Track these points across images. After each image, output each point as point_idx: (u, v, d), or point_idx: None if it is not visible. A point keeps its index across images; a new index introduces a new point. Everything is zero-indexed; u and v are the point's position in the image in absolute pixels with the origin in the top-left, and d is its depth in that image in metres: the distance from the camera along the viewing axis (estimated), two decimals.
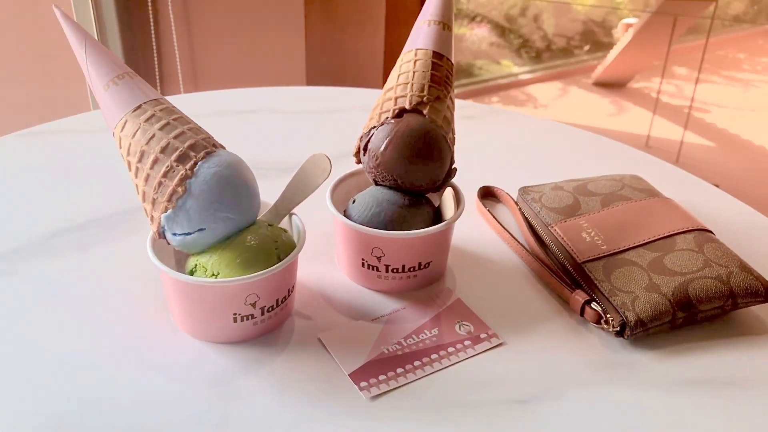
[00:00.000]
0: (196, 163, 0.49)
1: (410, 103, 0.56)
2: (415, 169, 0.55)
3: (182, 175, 0.48)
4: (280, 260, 0.51)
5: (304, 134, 0.84)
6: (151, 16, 1.52)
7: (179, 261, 0.54)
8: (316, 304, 0.56)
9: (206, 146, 0.50)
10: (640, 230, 0.60)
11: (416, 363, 0.51)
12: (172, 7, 1.50)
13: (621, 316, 0.53)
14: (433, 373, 0.50)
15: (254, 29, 1.51)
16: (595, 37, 2.77)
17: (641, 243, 0.58)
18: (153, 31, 1.54)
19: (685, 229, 0.59)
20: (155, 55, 1.59)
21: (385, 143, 0.55)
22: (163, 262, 0.50)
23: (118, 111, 0.51)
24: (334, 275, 0.59)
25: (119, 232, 0.64)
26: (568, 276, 0.58)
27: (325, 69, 1.63)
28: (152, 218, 0.50)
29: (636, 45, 2.36)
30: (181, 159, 0.49)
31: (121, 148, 0.51)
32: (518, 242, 0.62)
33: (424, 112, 0.55)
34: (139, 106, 0.51)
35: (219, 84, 1.58)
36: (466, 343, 0.53)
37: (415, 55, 0.58)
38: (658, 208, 0.62)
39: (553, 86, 2.70)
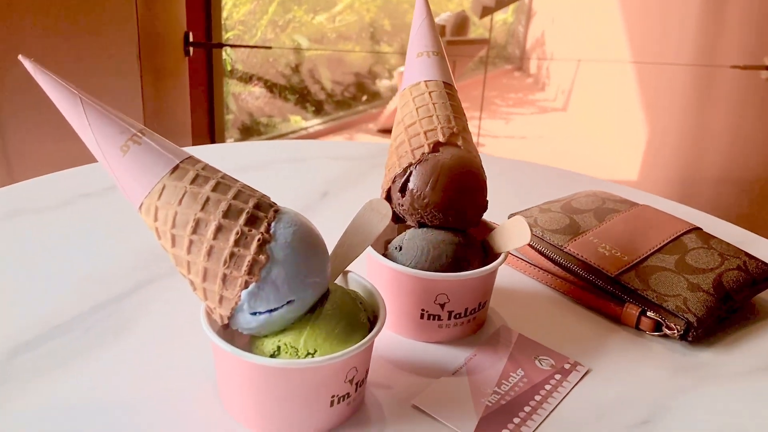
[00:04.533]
0: (269, 224, 0.41)
1: (444, 136, 0.52)
2: (466, 204, 0.51)
3: (260, 239, 0.40)
4: (371, 323, 0.44)
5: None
6: None
7: None
8: (384, 370, 0.49)
9: (270, 204, 0.42)
10: (646, 238, 0.61)
11: (527, 409, 0.47)
12: None
13: (682, 319, 0.54)
14: (548, 415, 0.46)
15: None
16: (370, 87, 2.89)
17: (655, 248, 0.60)
18: None
19: (684, 230, 0.62)
20: None
21: (432, 180, 0.50)
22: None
23: (149, 176, 0.41)
24: (381, 334, 0.53)
25: (90, 341, 0.51)
26: (602, 291, 0.58)
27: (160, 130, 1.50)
28: (221, 299, 0.40)
29: None
30: (252, 222, 0.40)
31: (157, 220, 0.41)
32: (540, 269, 0.61)
33: (458, 143, 0.52)
34: (177, 167, 0.41)
35: (39, 169, 1.37)
36: (557, 377, 0.50)
37: (426, 87, 0.55)
38: (647, 216, 0.65)
39: (342, 137, 2.76)
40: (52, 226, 0.65)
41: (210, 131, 2.42)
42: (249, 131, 2.71)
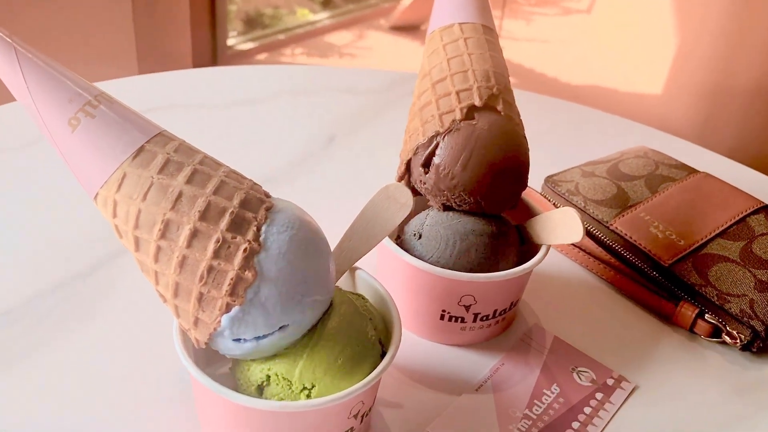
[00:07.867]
0: (259, 228, 0.32)
1: (481, 98, 0.42)
2: (503, 187, 0.42)
3: (246, 250, 0.31)
4: (381, 344, 0.36)
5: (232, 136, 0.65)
6: None
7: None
8: (395, 381, 0.42)
9: (261, 199, 0.33)
10: (706, 217, 0.52)
11: None
12: None
13: (746, 326, 0.45)
14: None
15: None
16: None
17: (716, 232, 0.51)
18: None
19: (750, 209, 0.53)
20: None
21: (463, 156, 0.41)
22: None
23: (105, 160, 0.32)
24: None
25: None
26: (653, 283, 0.50)
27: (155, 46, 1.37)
28: (197, 322, 0.32)
29: None
30: (236, 226, 0.31)
31: (116, 217, 0.32)
32: (579, 249, 0.52)
33: (498, 107, 0.42)
34: (141, 149, 0.32)
35: None
36: (598, 396, 0.42)
37: (462, 31, 0.44)
38: (708, 187, 0.55)
39: (352, 33, 2.59)
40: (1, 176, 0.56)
41: (212, 23, 2.26)
42: (253, 23, 2.56)
